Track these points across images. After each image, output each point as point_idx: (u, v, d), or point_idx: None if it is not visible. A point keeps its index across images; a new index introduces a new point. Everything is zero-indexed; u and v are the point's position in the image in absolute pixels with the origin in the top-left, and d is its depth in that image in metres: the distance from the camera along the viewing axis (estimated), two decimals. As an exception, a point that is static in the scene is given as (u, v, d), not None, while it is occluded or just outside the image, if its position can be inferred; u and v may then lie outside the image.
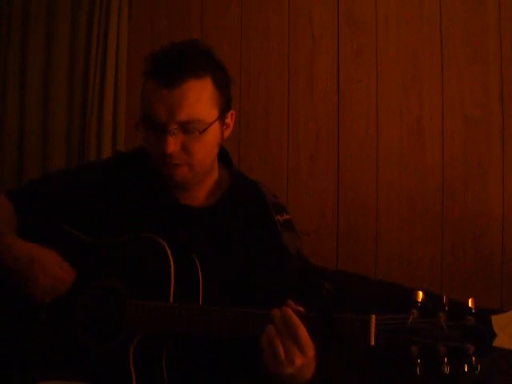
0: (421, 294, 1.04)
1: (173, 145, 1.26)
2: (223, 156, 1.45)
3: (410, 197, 2.18)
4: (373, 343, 1.05)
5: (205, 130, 1.28)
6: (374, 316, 1.06)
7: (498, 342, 0.98)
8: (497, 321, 0.99)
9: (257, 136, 2.27)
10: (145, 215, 1.36)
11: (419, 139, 2.19)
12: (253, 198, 1.43)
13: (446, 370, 0.98)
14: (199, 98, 1.28)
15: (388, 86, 2.21)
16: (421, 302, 1.03)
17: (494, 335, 0.97)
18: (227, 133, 1.39)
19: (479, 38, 2.15)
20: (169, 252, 1.24)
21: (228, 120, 1.38)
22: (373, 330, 1.05)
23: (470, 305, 1.01)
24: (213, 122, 1.30)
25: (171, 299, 1.22)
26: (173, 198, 1.39)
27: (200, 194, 1.41)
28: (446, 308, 1.02)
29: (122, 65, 2.28)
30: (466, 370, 0.98)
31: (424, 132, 2.19)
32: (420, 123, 2.19)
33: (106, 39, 2.25)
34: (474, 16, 2.15)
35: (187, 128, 1.27)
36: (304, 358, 1.11)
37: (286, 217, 1.43)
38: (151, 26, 2.34)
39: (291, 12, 2.26)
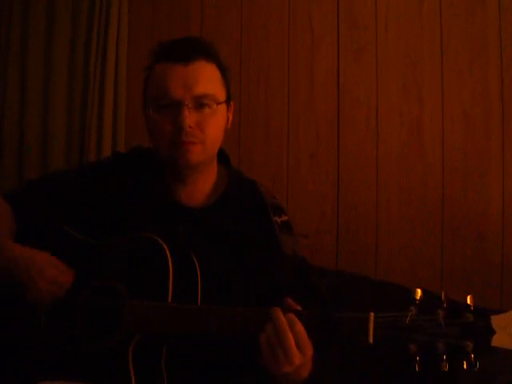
0: (419, 291, 1.03)
1: (189, 118, 1.28)
2: (221, 156, 1.45)
3: (410, 197, 2.18)
4: (371, 341, 1.05)
5: (218, 104, 1.33)
6: (372, 314, 1.05)
7: (498, 342, 0.97)
8: (496, 321, 0.99)
9: (257, 136, 2.27)
10: (144, 215, 1.36)
11: (419, 139, 2.19)
12: (251, 198, 1.43)
13: (445, 367, 0.98)
14: (212, 76, 1.34)
15: (388, 85, 2.21)
16: (419, 300, 1.03)
17: (492, 332, 0.97)
18: (229, 124, 1.41)
19: (479, 38, 2.15)
20: (167, 252, 1.24)
21: (231, 109, 1.41)
22: (371, 327, 1.05)
23: (468, 301, 1.01)
24: (223, 102, 1.35)
25: (170, 299, 1.22)
26: (172, 197, 1.38)
27: (199, 194, 1.40)
28: (445, 305, 1.01)
29: (122, 65, 2.28)
30: (464, 367, 0.98)
31: (424, 132, 2.19)
32: (420, 123, 2.19)
33: (106, 39, 2.26)
34: (474, 16, 2.15)
35: (202, 103, 1.30)
36: (302, 357, 1.10)
37: (284, 218, 1.43)
38: (151, 26, 2.34)
39: (291, 12, 2.26)
